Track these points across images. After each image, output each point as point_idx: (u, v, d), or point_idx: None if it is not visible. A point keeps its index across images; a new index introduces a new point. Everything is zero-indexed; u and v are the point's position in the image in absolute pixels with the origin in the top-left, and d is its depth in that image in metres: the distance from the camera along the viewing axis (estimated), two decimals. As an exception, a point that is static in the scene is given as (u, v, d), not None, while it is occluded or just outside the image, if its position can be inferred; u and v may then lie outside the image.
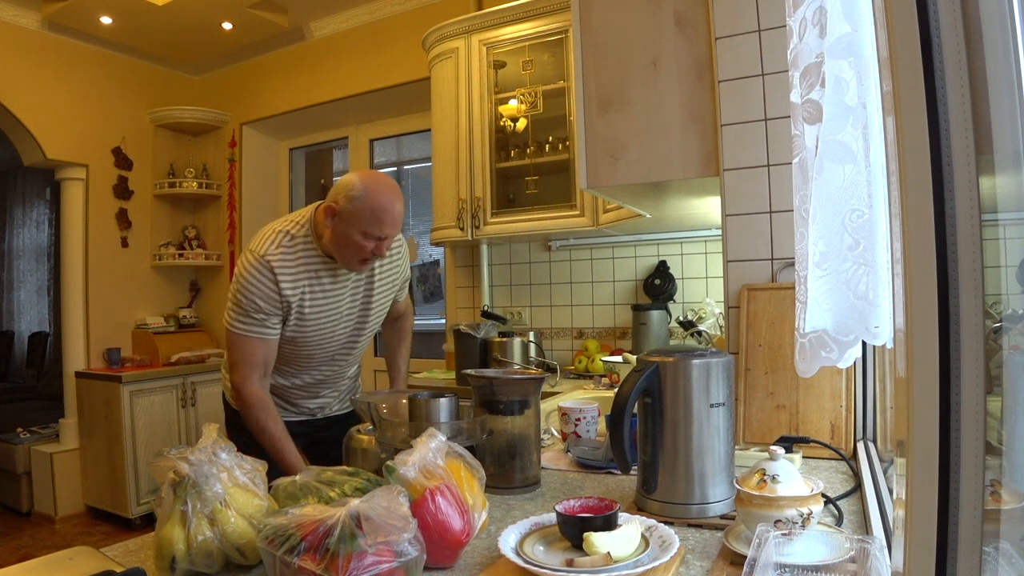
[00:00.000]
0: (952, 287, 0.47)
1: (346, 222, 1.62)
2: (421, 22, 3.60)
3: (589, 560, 0.84)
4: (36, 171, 5.18)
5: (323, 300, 1.73)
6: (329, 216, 1.65)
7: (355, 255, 1.66)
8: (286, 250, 1.68)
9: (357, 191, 1.61)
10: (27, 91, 3.94)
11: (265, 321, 1.67)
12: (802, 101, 0.88)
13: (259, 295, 1.64)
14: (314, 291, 1.71)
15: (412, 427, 1.17)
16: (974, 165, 0.47)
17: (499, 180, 3.16)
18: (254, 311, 1.65)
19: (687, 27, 1.62)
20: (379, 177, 1.69)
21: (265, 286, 1.65)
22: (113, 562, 0.88)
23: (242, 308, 1.66)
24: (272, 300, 1.66)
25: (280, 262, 1.66)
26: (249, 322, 1.66)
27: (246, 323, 1.67)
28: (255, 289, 1.64)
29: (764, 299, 1.53)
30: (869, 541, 0.80)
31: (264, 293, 1.65)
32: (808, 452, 1.37)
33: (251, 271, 1.65)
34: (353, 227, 1.62)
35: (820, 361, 0.90)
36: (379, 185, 1.64)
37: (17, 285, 6.86)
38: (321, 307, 1.73)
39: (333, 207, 1.64)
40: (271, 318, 1.67)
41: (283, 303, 1.67)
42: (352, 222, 1.61)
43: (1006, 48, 0.46)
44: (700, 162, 1.62)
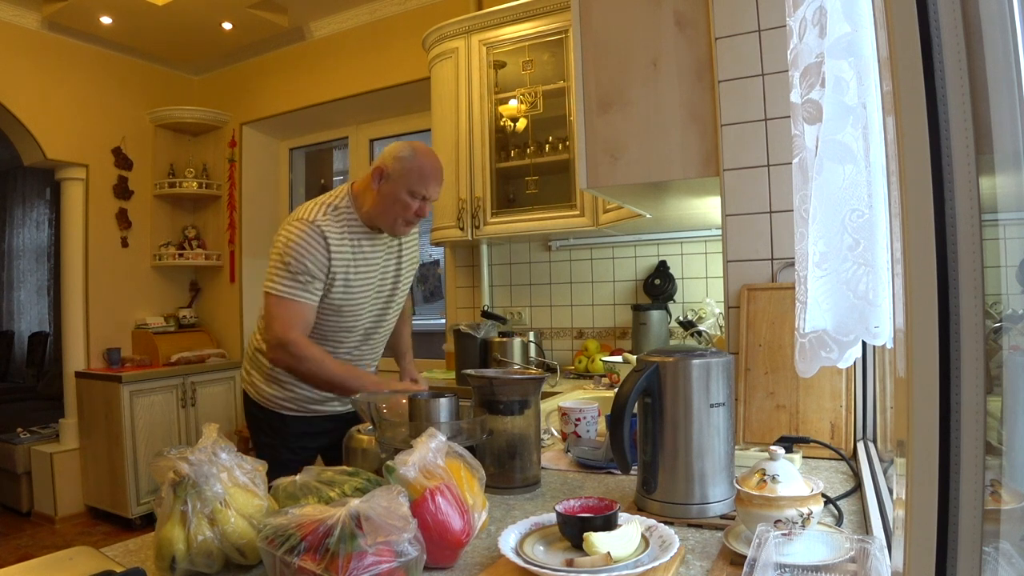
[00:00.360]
0: (952, 287, 0.47)
1: (394, 182, 1.78)
2: (421, 22, 3.60)
3: (589, 560, 0.84)
4: (36, 171, 5.18)
5: (365, 267, 1.84)
6: (376, 178, 1.80)
7: (400, 215, 1.80)
8: (332, 218, 1.80)
9: (405, 152, 1.80)
10: (27, 91, 3.94)
11: (310, 285, 1.74)
12: (802, 101, 0.88)
13: (310, 258, 1.73)
14: (356, 258, 1.82)
15: (412, 427, 1.17)
16: (974, 165, 0.47)
17: (499, 180, 3.16)
18: (302, 273, 1.73)
19: (687, 27, 1.62)
20: (423, 144, 1.88)
21: (316, 249, 1.74)
22: (113, 562, 0.88)
23: (290, 271, 1.73)
24: (321, 264, 1.75)
25: (329, 227, 1.77)
26: (294, 285, 1.73)
27: (291, 286, 1.73)
28: (306, 252, 1.73)
29: (764, 299, 1.53)
30: (869, 541, 0.80)
31: (315, 256, 1.74)
32: (808, 452, 1.37)
33: (302, 235, 1.75)
34: (401, 186, 1.77)
35: (820, 361, 0.90)
36: (425, 149, 1.85)
37: (17, 285, 6.86)
38: (364, 274, 1.84)
39: (382, 168, 1.80)
40: (315, 283, 1.75)
41: (330, 268, 1.76)
42: (400, 181, 1.77)
43: (1006, 48, 0.46)
44: (700, 162, 1.62)
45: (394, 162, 1.78)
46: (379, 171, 1.79)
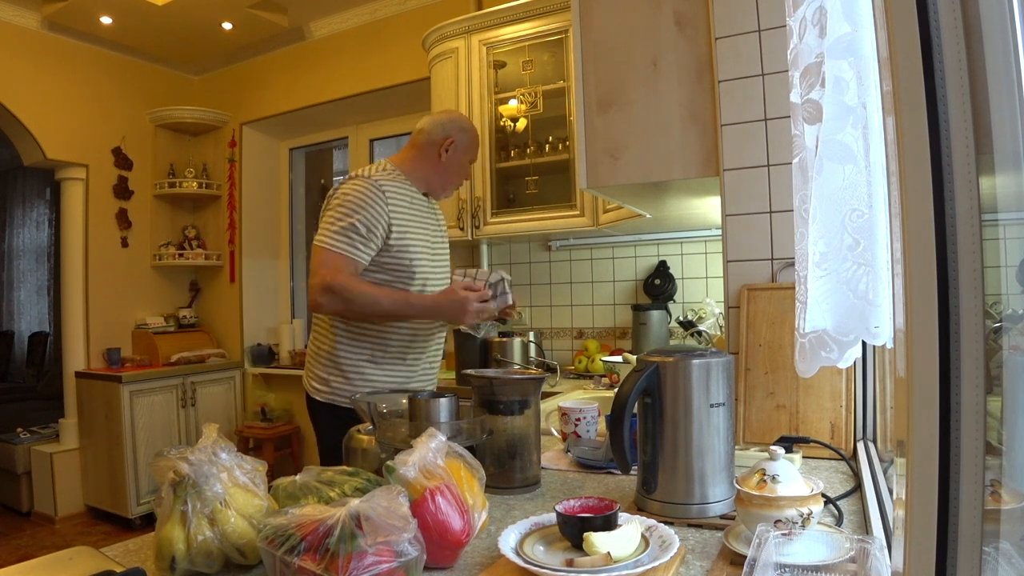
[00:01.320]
0: (952, 287, 0.47)
1: (462, 152, 1.98)
2: (421, 22, 3.60)
3: (589, 560, 0.84)
4: (36, 171, 5.18)
5: (419, 225, 1.93)
6: (444, 148, 1.95)
7: (459, 180, 2.03)
8: (385, 176, 1.88)
9: (467, 124, 2.02)
10: (27, 91, 3.94)
11: (363, 241, 1.78)
12: (802, 101, 0.88)
13: (369, 211, 1.78)
14: (412, 216, 1.91)
15: (412, 427, 1.17)
16: (974, 165, 0.47)
17: (499, 180, 3.16)
18: (357, 227, 1.77)
19: (687, 27, 1.62)
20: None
21: (377, 205, 1.80)
22: (113, 562, 0.88)
23: (348, 224, 1.77)
24: (380, 219, 1.80)
25: (388, 185, 1.85)
26: (346, 240, 1.76)
27: (342, 241, 1.76)
28: (368, 207, 1.79)
29: (764, 299, 1.53)
30: (869, 541, 0.80)
31: (374, 209, 1.79)
32: (808, 452, 1.37)
33: (364, 191, 1.80)
34: (466, 155, 2.00)
35: (820, 361, 0.90)
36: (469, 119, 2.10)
37: (17, 285, 6.86)
38: (419, 231, 1.92)
39: (452, 139, 1.96)
40: (372, 238, 1.79)
41: (387, 224, 1.82)
42: (466, 151, 1.99)
43: (1006, 48, 0.46)
44: (700, 162, 1.62)
45: (461, 134, 1.97)
46: (448, 142, 1.95)
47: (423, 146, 1.97)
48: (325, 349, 1.94)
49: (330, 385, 1.92)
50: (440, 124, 1.97)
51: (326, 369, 1.93)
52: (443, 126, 1.97)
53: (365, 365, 1.91)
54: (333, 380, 1.91)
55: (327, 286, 1.74)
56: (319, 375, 1.94)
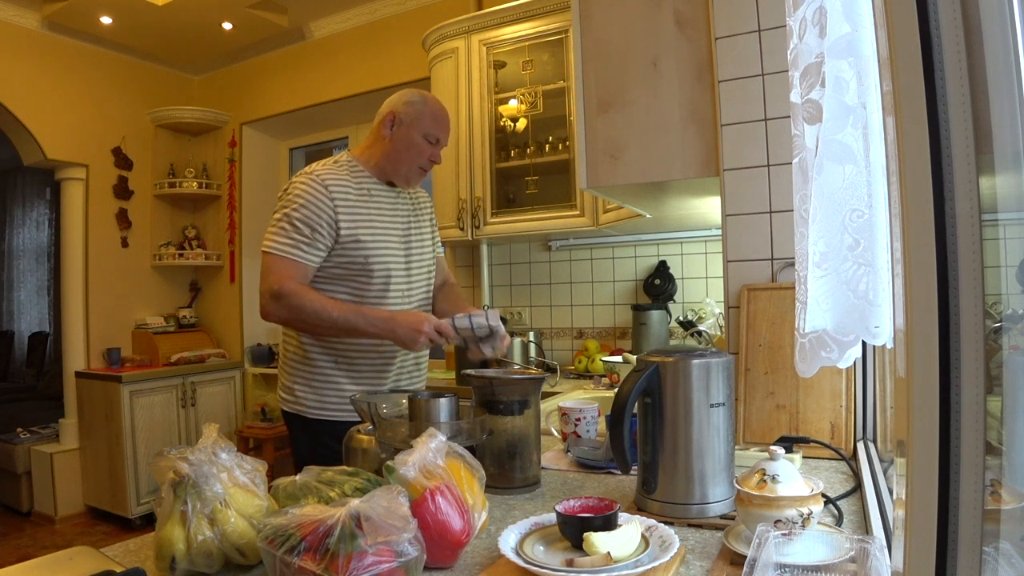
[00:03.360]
0: (952, 287, 0.47)
1: (408, 126, 1.76)
2: (421, 22, 3.61)
3: (589, 560, 0.84)
4: (36, 171, 5.18)
5: (382, 219, 1.78)
6: (388, 124, 1.78)
7: (415, 160, 1.78)
8: (333, 170, 1.75)
9: (416, 97, 1.79)
10: (27, 91, 3.94)
11: (312, 242, 1.67)
12: (802, 101, 0.88)
13: (313, 211, 1.66)
14: (371, 208, 1.76)
15: (412, 427, 1.17)
16: (974, 165, 0.47)
17: (499, 180, 3.16)
18: (303, 227, 1.65)
19: (687, 27, 1.62)
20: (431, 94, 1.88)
21: (321, 201, 1.68)
22: (113, 562, 0.88)
23: (292, 226, 1.66)
24: (326, 216, 1.68)
25: (333, 179, 1.72)
26: (291, 242, 1.66)
27: (288, 243, 1.66)
28: (311, 204, 1.67)
29: (764, 299, 1.53)
30: (869, 541, 0.80)
31: (318, 208, 1.67)
32: (808, 452, 1.37)
33: (305, 188, 1.68)
34: (415, 129, 1.76)
35: (820, 361, 0.90)
36: (430, 94, 1.85)
37: (17, 285, 6.86)
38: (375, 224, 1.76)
39: (394, 113, 1.77)
40: (317, 241, 1.68)
41: (336, 217, 1.69)
42: (414, 125, 1.76)
43: (1006, 48, 0.46)
44: (700, 162, 1.62)
45: (406, 107, 1.78)
46: (391, 116, 1.77)
47: (375, 128, 1.81)
48: (291, 355, 1.82)
49: (295, 394, 1.80)
50: (388, 101, 1.81)
51: (291, 377, 1.81)
52: (389, 103, 1.81)
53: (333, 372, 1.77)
54: (298, 389, 1.79)
55: (275, 292, 1.63)
56: (285, 384, 1.83)
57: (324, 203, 1.68)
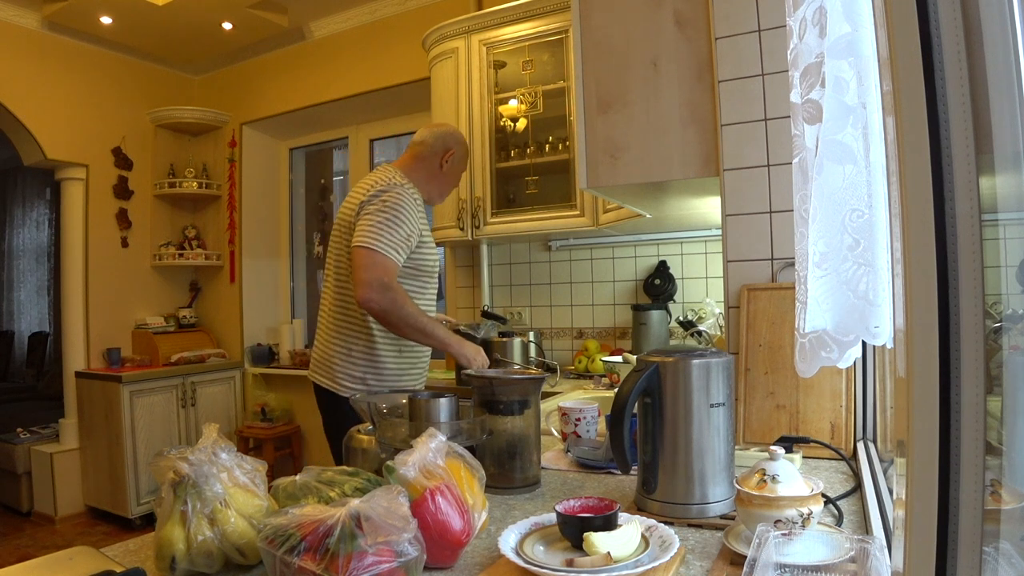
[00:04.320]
0: (952, 287, 0.47)
1: (458, 163, 2.18)
2: (421, 22, 3.61)
3: (589, 560, 0.84)
4: (36, 171, 5.18)
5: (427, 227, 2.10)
6: (445, 160, 2.15)
7: (452, 187, 2.21)
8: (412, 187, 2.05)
9: (461, 137, 2.21)
10: (27, 91, 3.94)
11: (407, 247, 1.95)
12: (802, 101, 0.88)
13: (413, 220, 1.96)
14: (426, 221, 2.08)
15: (412, 427, 1.17)
16: (974, 165, 0.47)
17: (499, 180, 3.16)
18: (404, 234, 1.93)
19: (687, 27, 1.62)
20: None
21: (417, 212, 1.99)
22: (113, 562, 0.88)
23: (398, 231, 1.92)
24: (418, 227, 1.99)
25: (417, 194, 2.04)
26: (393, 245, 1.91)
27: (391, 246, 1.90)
28: (412, 214, 1.96)
29: (764, 299, 1.53)
30: (869, 541, 0.80)
31: (415, 219, 1.97)
32: (808, 452, 1.37)
33: (407, 201, 1.96)
34: (461, 166, 2.21)
35: (820, 361, 0.90)
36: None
37: (17, 285, 6.86)
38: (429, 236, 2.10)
39: (453, 151, 2.16)
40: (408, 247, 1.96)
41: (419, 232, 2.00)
42: (462, 163, 2.20)
43: (1006, 48, 0.46)
44: (700, 162, 1.62)
45: (459, 146, 2.17)
46: (448, 153, 2.14)
47: (425, 157, 2.13)
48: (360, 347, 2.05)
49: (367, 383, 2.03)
50: (441, 137, 2.15)
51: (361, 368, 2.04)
52: (443, 139, 2.15)
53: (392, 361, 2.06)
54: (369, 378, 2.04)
55: (385, 284, 1.86)
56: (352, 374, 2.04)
57: (419, 214, 1.99)
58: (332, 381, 2.05)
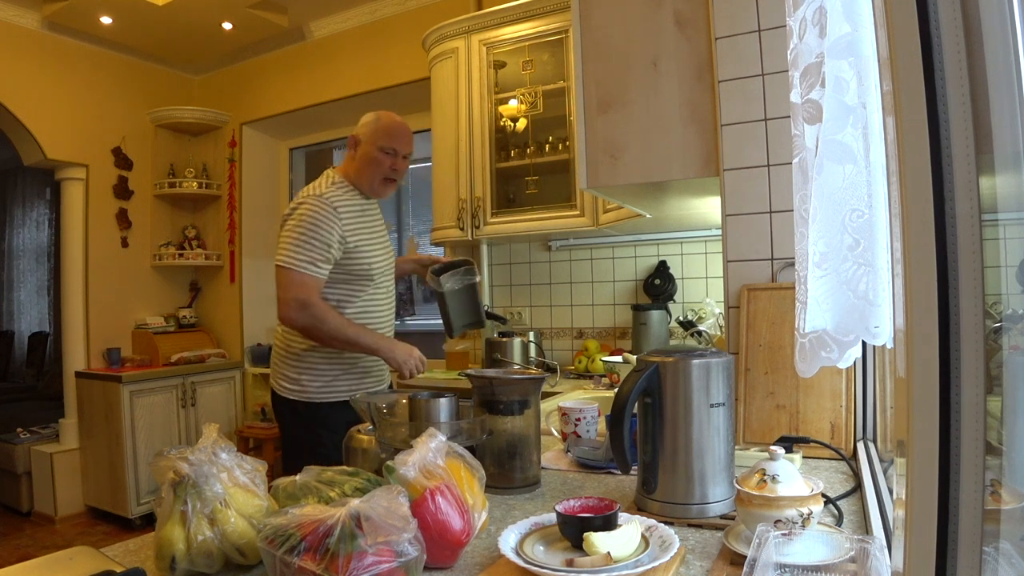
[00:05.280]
0: (952, 287, 0.47)
1: (367, 143, 2.03)
2: (421, 22, 3.60)
3: (589, 560, 0.84)
4: (36, 171, 5.18)
5: (372, 231, 2.04)
6: (352, 146, 2.06)
7: (378, 174, 2.03)
8: (336, 192, 1.98)
9: (370, 118, 2.08)
10: (27, 91, 3.93)
11: (326, 259, 1.91)
12: (802, 101, 0.88)
13: (324, 229, 1.89)
14: (364, 223, 2.02)
15: (412, 427, 1.17)
16: (974, 165, 0.47)
17: (499, 180, 3.16)
18: (320, 245, 1.88)
19: (687, 27, 1.62)
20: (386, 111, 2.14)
21: (331, 222, 1.91)
22: (113, 562, 0.88)
23: (309, 244, 1.88)
24: (334, 235, 1.91)
25: (338, 199, 1.96)
26: (309, 259, 1.88)
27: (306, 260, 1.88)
28: (322, 224, 1.90)
29: (764, 299, 1.53)
30: (869, 541, 0.80)
31: (330, 227, 1.90)
32: (808, 452, 1.37)
33: (317, 210, 1.91)
34: (372, 145, 2.02)
35: (820, 361, 0.90)
36: (385, 112, 2.12)
37: (17, 285, 6.86)
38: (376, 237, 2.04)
39: (354, 136, 2.06)
40: (329, 255, 1.91)
41: (341, 238, 1.93)
42: (371, 141, 2.02)
43: (1006, 48, 0.46)
44: (700, 162, 1.62)
45: (362, 127, 2.06)
46: (352, 139, 2.06)
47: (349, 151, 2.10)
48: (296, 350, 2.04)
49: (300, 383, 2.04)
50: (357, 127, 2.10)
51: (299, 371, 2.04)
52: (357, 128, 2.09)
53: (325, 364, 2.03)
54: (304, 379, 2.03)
55: (304, 302, 1.87)
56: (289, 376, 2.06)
57: (333, 222, 1.91)
58: (275, 381, 2.13)
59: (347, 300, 2.00)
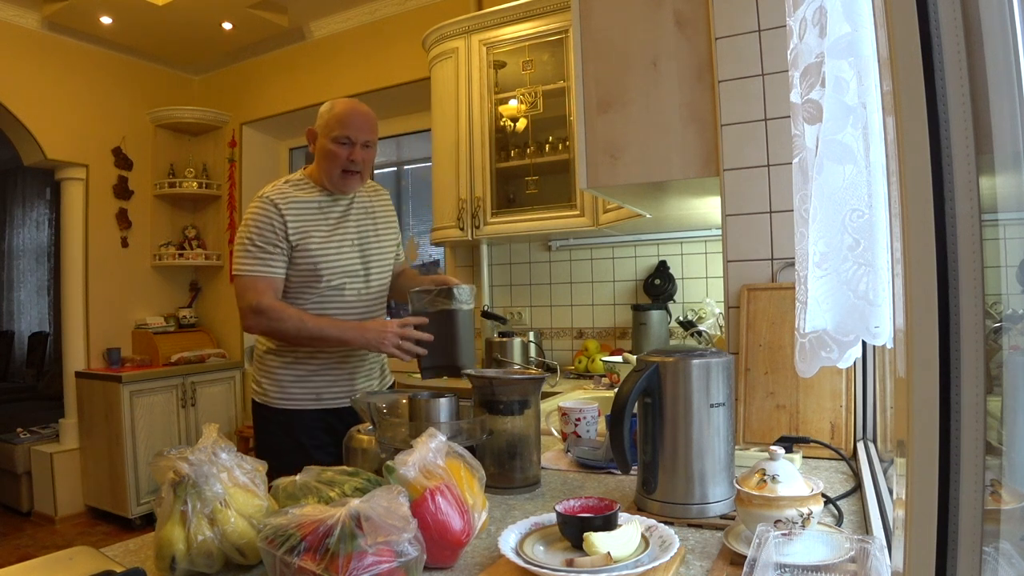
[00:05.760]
0: (952, 287, 0.47)
1: (321, 136, 1.91)
2: (421, 22, 3.60)
3: (589, 560, 0.84)
4: (36, 171, 5.18)
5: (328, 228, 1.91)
6: (310, 141, 1.96)
7: (335, 166, 1.89)
8: (281, 189, 1.90)
9: (324, 108, 1.96)
10: (27, 91, 3.93)
11: (271, 258, 1.83)
12: (802, 101, 0.88)
13: (267, 229, 1.82)
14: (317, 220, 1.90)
15: (412, 427, 1.17)
16: (974, 165, 0.47)
17: (499, 180, 3.16)
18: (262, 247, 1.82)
19: (687, 27, 1.62)
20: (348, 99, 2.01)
21: (271, 221, 1.83)
22: (113, 562, 0.88)
23: (255, 247, 1.82)
24: (279, 231, 1.83)
25: (278, 196, 1.87)
26: (256, 262, 1.82)
27: (253, 264, 1.82)
28: (263, 224, 1.83)
29: (764, 299, 1.53)
30: (869, 541, 0.80)
31: (270, 226, 1.83)
32: (808, 452, 1.37)
33: (257, 210, 1.85)
34: (326, 137, 1.90)
35: (820, 361, 0.90)
36: (343, 99, 1.98)
37: (17, 285, 6.86)
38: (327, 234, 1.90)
39: (310, 129, 1.96)
40: (277, 254, 1.84)
41: (287, 232, 1.84)
42: (324, 132, 1.91)
43: (1006, 48, 0.46)
44: (700, 162, 1.62)
45: (317, 119, 1.95)
46: (309, 133, 1.97)
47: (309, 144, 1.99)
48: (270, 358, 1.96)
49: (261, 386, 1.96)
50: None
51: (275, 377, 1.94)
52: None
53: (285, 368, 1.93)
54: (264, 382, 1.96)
55: (256, 307, 1.79)
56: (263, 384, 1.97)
57: (275, 220, 1.83)
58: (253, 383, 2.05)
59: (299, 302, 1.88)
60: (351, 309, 1.94)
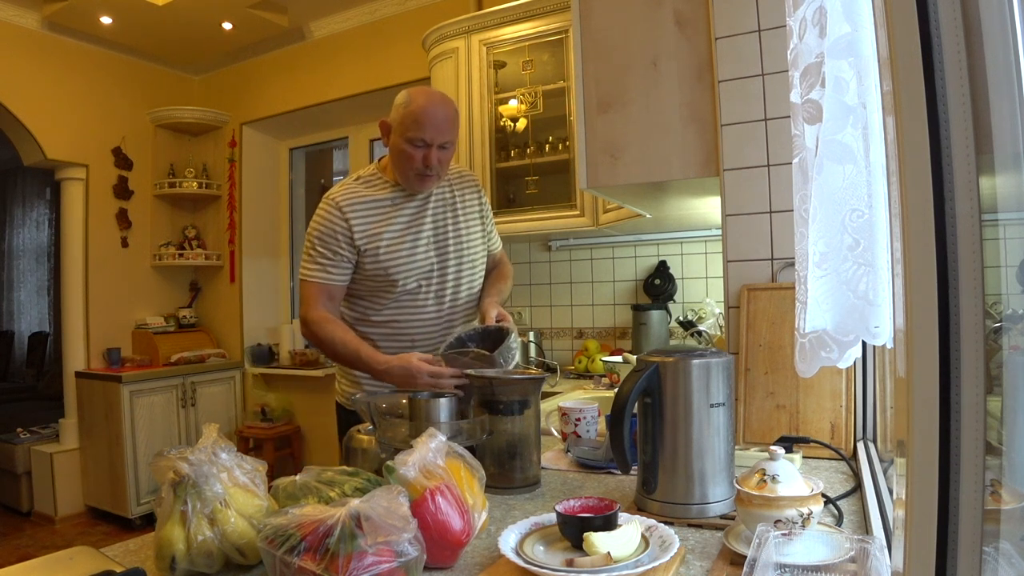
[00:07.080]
0: (952, 287, 0.47)
1: (395, 133, 1.70)
2: (421, 22, 3.60)
3: (589, 560, 0.84)
4: (36, 171, 5.18)
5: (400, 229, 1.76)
6: (384, 133, 1.75)
7: (409, 168, 1.70)
8: (352, 189, 1.76)
9: (400, 99, 1.71)
10: (27, 91, 3.93)
11: (333, 264, 1.73)
12: (802, 101, 0.88)
13: (329, 235, 1.72)
14: (389, 220, 1.75)
15: (412, 427, 1.17)
16: (974, 165, 0.47)
17: (499, 180, 3.16)
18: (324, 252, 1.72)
19: (687, 27, 1.62)
20: (427, 88, 1.80)
21: (335, 225, 1.72)
22: (113, 562, 0.88)
23: (316, 251, 1.73)
24: (340, 238, 1.72)
25: (347, 198, 1.74)
26: (316, 267, 1.73)
27: (312, 268, 1.73)
28: (325, 229, 1.72)
29: (764, 299, 1.53)
30: (869, 541, 0.80)
31: (333, 230, 1.72)
32: (808, 452, 1.37)
33: (322, 216, 1.74)
34: (400, 136, 1.68)
35: (820, 361, 0.90)
36: (422, 91, 1.72)
37: (17, 285, 6.86)
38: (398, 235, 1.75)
39: (384, 121, 1.74)
40: (340, 260, 1.73)
41: (350, 239, 1.72)
42: (397, 131, 1.69)
43: (1006, 48, 0.46)
44: (700, 162, 1.62)
45: (392, 112, 1.71)
46: (383, 125, 1.75)
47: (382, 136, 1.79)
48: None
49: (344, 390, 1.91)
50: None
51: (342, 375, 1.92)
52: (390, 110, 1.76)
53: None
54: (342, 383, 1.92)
55: (304, 318, 1.74)
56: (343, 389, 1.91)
57: (337, 225, 1.72)
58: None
59: (373, 310, 1.78)
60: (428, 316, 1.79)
